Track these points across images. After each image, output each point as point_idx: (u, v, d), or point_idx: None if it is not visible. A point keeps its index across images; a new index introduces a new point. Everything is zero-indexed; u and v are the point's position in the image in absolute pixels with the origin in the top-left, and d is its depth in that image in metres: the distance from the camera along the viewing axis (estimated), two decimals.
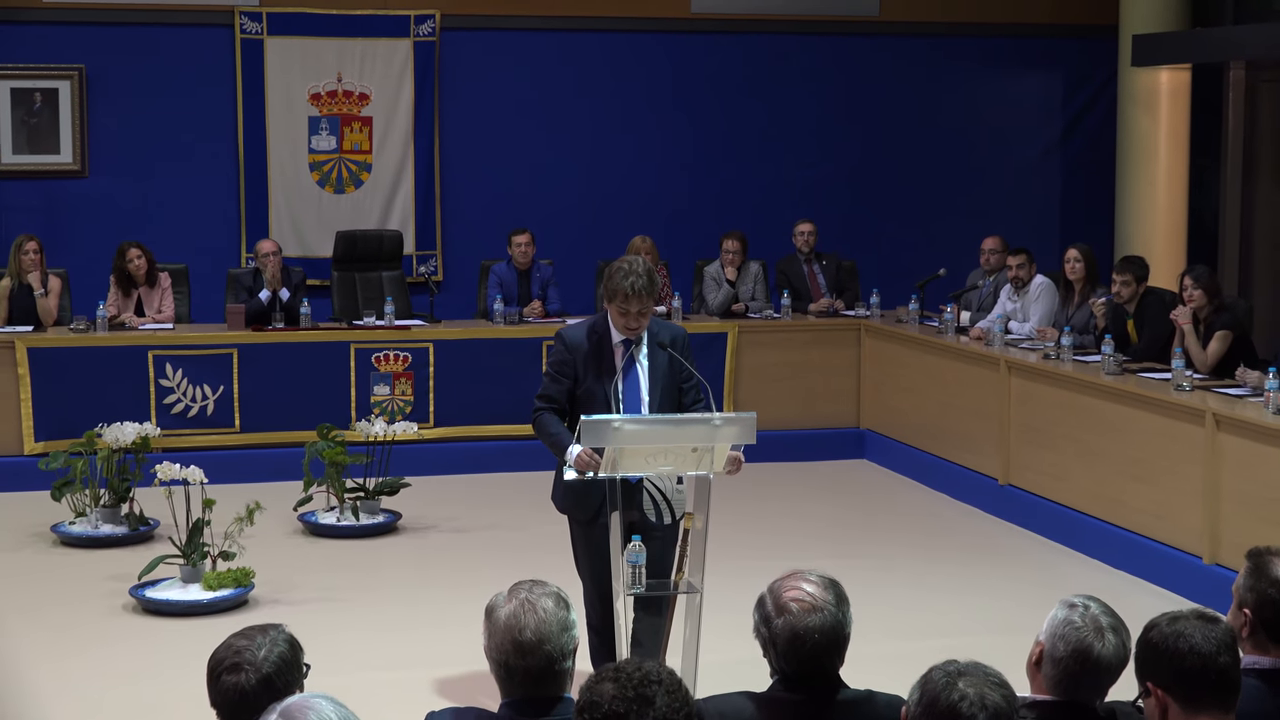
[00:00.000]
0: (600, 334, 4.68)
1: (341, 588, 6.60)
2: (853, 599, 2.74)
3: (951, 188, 11.05)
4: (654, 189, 10.65)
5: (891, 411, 9.16)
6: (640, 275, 4.58)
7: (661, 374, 4.65)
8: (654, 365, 4.66)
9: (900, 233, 10.98)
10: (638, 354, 4.66)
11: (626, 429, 4.29)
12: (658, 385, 4.64)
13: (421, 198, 10.33)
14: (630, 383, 4.64)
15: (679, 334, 4.75)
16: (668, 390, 4.67)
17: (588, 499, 4.53)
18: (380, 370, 8.78)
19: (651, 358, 4.65)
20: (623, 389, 4.62)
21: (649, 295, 4.58)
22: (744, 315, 9.50)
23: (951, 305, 8.89)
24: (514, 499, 8.23)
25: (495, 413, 8.87)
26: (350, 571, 6.87)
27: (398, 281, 9.70)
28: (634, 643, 4.63)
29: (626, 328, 4.60)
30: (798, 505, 8.22)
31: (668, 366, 4.65)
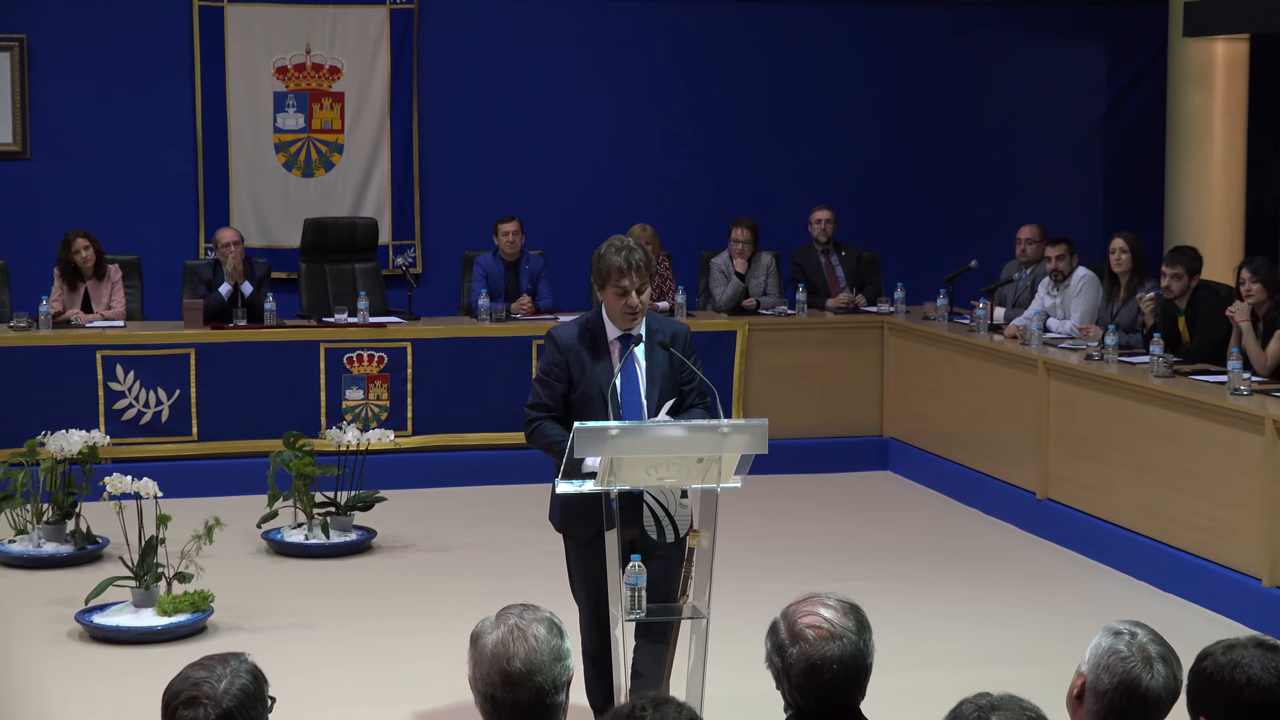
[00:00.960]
0: (594, 331, 4.68)
1: (310, 613, 6.59)
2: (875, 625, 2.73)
3: (984, 171, 11.06)
4: (655, 173, 10.66)
5: (918, 418, 9.16)
6: (634, 249, 4.59)
7: (662, 374, 4.65)
8: (653, 364, 4.66)
9: (927, 221, 10.98)
10: (636, 352, 4.65)
11: (624, 437, 4.29)
12: (657, 386, 4.64)
13: (398, 182, 10.33)
14: (629, 384, 4.64)
15: (680, 330, 4.75)
16: (668, 392, 4.67)
17: (590, 515, 4.52)
18: (353, 372, 8.78)
19: (650, 356, 4.65)
20: (621, 390, 4.62)
21: (647, 269, 4.58)
22: (755, 311, 9.51)
23: (984, 301, 8.89)
24: (501, 515, 8.23)
25: (480, 419, 8.88)
26: (320, 595, 6.86)
27: (372, 274, 9.70)
28: (634, 673, 4.63)
29: (626, 313, 4.59)
30: (814, 522, 8.22)
31: (669, 366, 4.65)
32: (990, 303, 8.96)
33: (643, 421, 4.54)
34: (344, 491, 7.66)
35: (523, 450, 8.87)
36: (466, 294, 9.61)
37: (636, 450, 4.31)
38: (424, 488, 8.72)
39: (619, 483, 4.37)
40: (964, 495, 8.60)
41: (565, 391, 4.67)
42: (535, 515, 8.05)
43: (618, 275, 4.55)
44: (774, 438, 4.66)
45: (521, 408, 8.91)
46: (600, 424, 4.32)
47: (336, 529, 7.55)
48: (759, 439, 4.37)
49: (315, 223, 9.76)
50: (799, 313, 9.44)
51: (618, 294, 4.57)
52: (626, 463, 4.33)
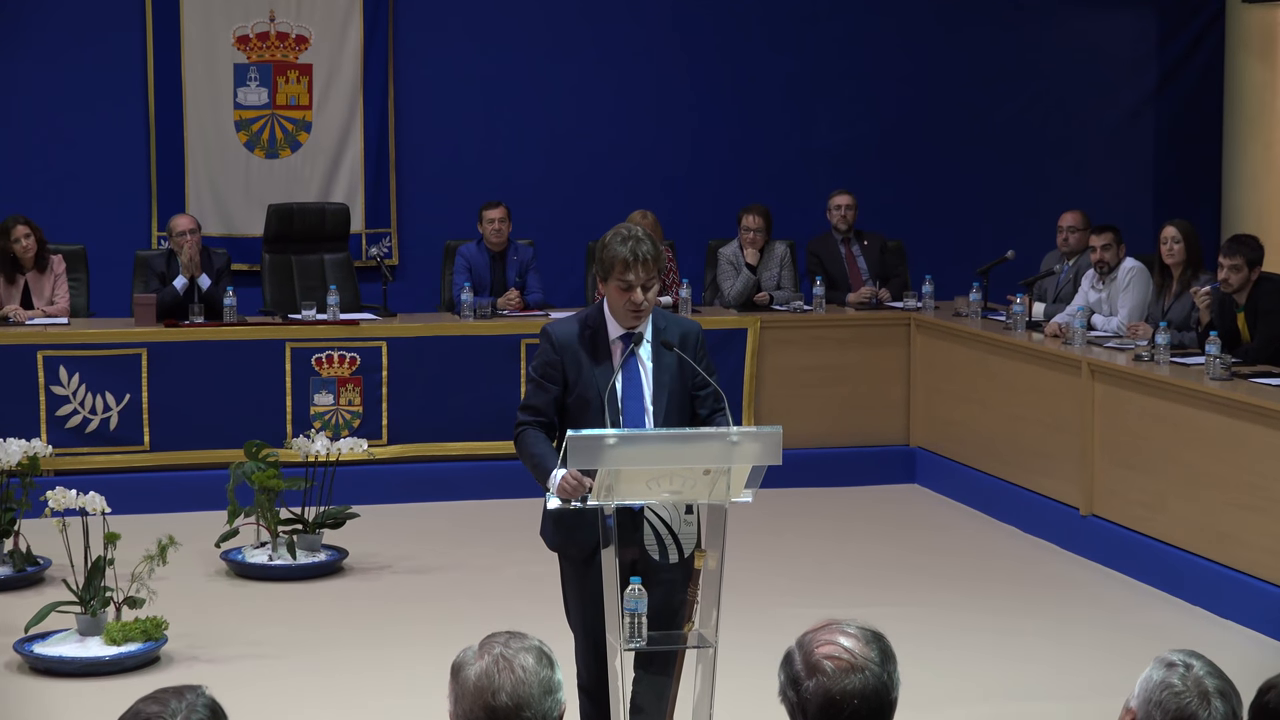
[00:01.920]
0: (594, 328, 4.67)
1: (274, 642, 6.59)
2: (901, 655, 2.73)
3: (1022, 152, 11.06)
4: (656, 154, 10.66)
5: (948, 425, 9.16)
6: (642, 239, 4.57)
7: (670, 377, 4.64)
8: (660, 366, 4.64)
9: (959, 207, 10.98)
10: (640, 352, 4.65)
11: (623, 446, 4.29)
12: (664, 390, 4.63)
13: (372, 164, 10.33)
14: (631, 387, 4.63)
15: (691, 330, 4.73)
16: (676, 397, 4.65)
17: (585, 531, 4.52)
18: (322, 375, 8.78)
19: (657, 357, 4.64)
20: (622, 395, 4.62)
21: (655, 262, 4.56)
22: (768, 307, 9.51)
23: (1022, 295, 8.90)
24: (486, 533, 8.23)
25: (463, 427, 8.88)
26: (285, 622, 6.86)
27: (343, 266, 9.70)
28: (633, 709, 4.63)
29: (629, 311, 4.58)
30: (833, 540, 8.22)
31: (677, 368, 4.64)
32: (1028, 297, 8.96)
33: (644, 429, 4.52)
34: (312, 507, 7.66)
35: (510, 461, 8.87)
36: (448, 288, 9.60)
37: (636, 461, 4.31)
38: (401, 503, 8.72)
39: (617, 497, 4.36)
40: (999, 511, 8.60)
41: (559, 395, 4.66)
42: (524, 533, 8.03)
43: (622, 268, 4.54)
44: (789, 447, 4.66)
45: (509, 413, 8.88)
46: (596, 431, 4.31)
47: (304, 549, 7.54)
48: (772, 449, 4.37)
49: (280, 209, 9.76)
50: (816, 309, 9.43)
51: (621, 289, 4.56)
52: (625, 475, 4.33)
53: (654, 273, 4.57)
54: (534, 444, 4.60)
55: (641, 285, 4.55)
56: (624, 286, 4.56)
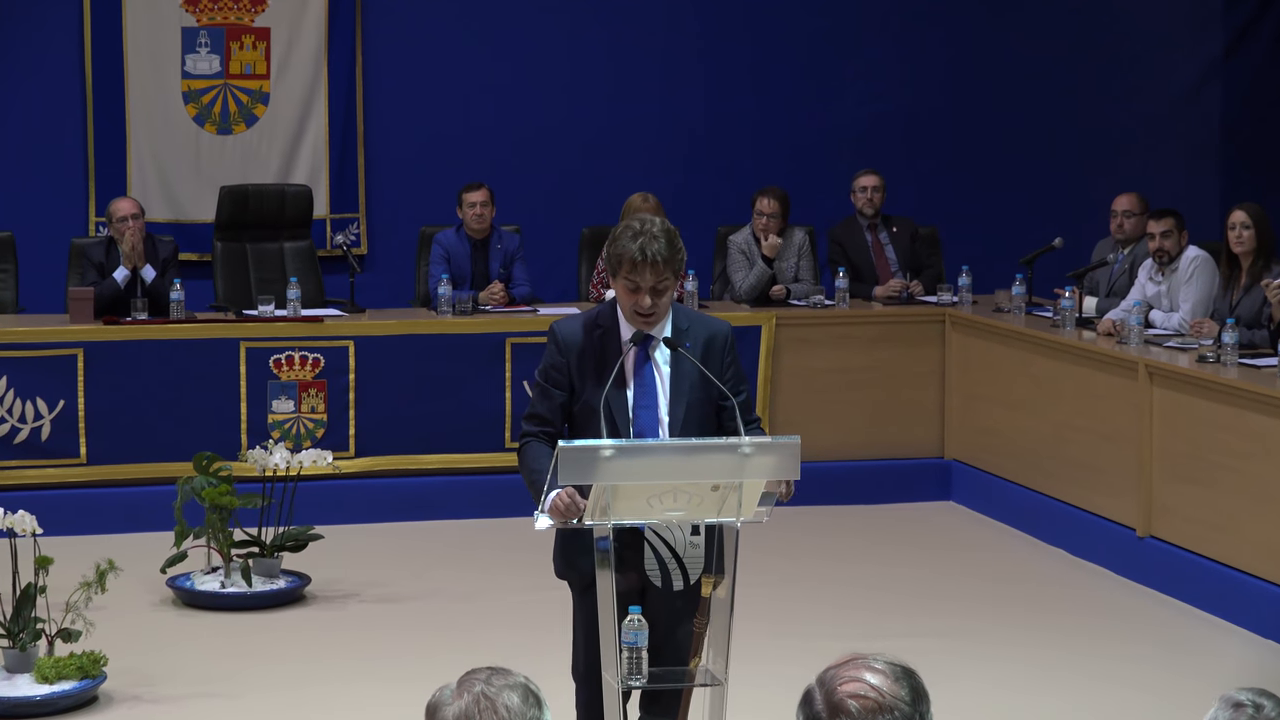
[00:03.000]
0: (605, 327, 4.65)
1: (226, 679, 6.58)
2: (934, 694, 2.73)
3: (1069, 127, 11.06)
4: (659, 130, 10.66)
5: (988, 435, 9.15)
6: (656, 236, 4.53)
7: (690, 385, 4.61)
8: (679, 373, 4.63)
9: (999, 189, 10.97)
10: (655, 355, 4.65)
11: (621, 459, 4.28)
12: (682, 401, 4.61)
13: (338, 140, 10.32)
14: (644, 397, 4.61)
15: (719, 332, 4.70)
16: (698, 409, 4.63)
17: (586, 557, 4.49)
18: (281, 378, 8.77)
19: (676, 362, 4.63)
20: (633, 405, 4.62)
21: (668, 264, 4.52)
22: (784, 302, 9.51)
23: (1071, 288, 8.89)
24: (467, 557, 8.22)
25: (440, 437, 8.87)
26: (239, 656, 6.85)
27: (305, 256, 9.70)
28: None
29: (638, 313, 4.57)
30: (857, 564, 8.21)
31: (699, 375, 4.63)
32: (1079, 291, 8.95)
33: (646, 440, 4.52)
34: (270, 528, 7.65)
35: (494, 475, 8.91)
36: (423, 280, 9.60)
37: (636, 475, 4.30)
38: (370, 522, 8.71)
39: (614, 516, 4.36)
40: (1045, 532, 8.59)
41: (565, 402, 4.65)
42: (509, 556, 8.04)
43: (629, 268, 4.51)
44: (808, 460, 4.65)
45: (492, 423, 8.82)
46: (591, 442, 4.31)
47: (260, 574, 7.54)
48: (789, 461, 4.36)
49: (234, 191, 9.75)
50: (839, 303, 9.43)
51: (629, 290, 4.54)
52: (624, 492, 4.32)
53: (667, 275, 4.52)
54: (535, 458, 4.57)
55: (651, 289, 4.52)
56: (631, 288, 4.54)
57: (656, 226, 4.56)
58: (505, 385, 8.87)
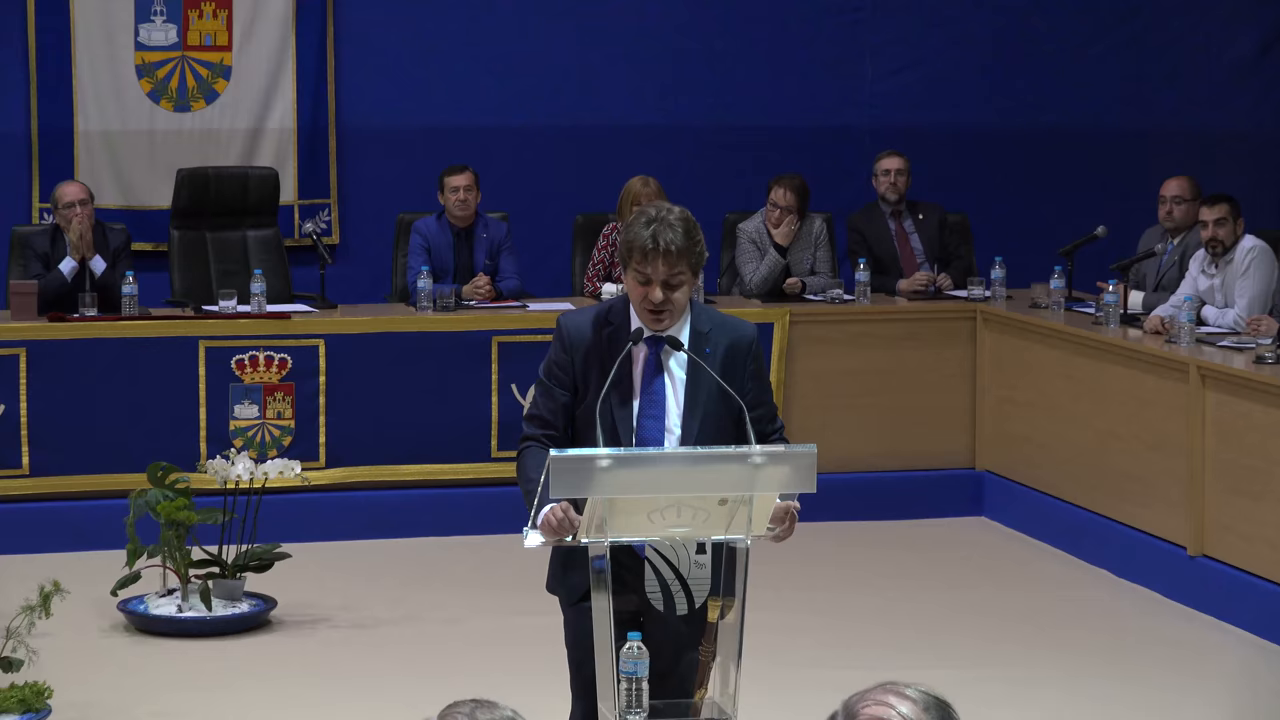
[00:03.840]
0: (615, 325, 4.63)
1: (184, 712, 6.56)
2: None
3: (1114, 103, 11.04)
4: (660, 107, 10.64)
5: (1023, 444, 9.14)
6: (672, 224, 4.50)
7: (707, 396, 4.60)
8: (695, 381, 4.61)
9: (1036, 171, 10.96)
10: (668, 360, 4.63)
11: (619, 470, 4.27)
12: (697, 411, 4.60)
13: (307, 119, 10.31)
14: (651, 405, 4.60)
15: (742, 336, 4.67)
16: (715, 422, 4.60)
17: (578, 574, 4.50)
18: (245, 381, 8.76)
19: (692, 369, 4.62)
20: (639, 413, 4.61)
21: (684, 256, 4.50)
22: (799, 296, 9.50)
23: (1115, 282, 8.88)
24: (449, 577, 8.21)
25: (420, 446, 8.86)
26: (198, 688, 6.83)
27: (271, 246, 9.69)
28: None
29: (648, 309, 4.57)
30: (880, 586, 8.20)
31: (717, 386, 4.58)
32: (1124, 284, 8.94)
33: (647, 449, 4.50)
34: (232, 545, 7.64)
35: (480, 488, 8.89)
36: (401, 273, 9.58)
37: (636, 488, 4.29)
38: (343, 540, 8.70)
39: (611, 533, 4.35)
40: (1086, 550, 8.58)
41: (569, 404, 4.64)
42: (497, 576, 8.03)
43: (640, 258, 4.50)
44: (825, 471, 4.64)
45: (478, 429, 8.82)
46: (586, 451, 4.30)
47: (222, 597, 7.52)
48: (804, 473, 4.35)
49: (193, 175, 9.74)
50: (859, 298, 9.42)
51: (639, 282, 4.53)
52: (622, 506, 4.31)
53: (681, 268, 4.50)
54: (532, 466, 4.54)
55: (664, 282, 4.49)
56: (641, 280, 4.52)
57: (673, 214, 4.54)
58: (492, 388, 8.85)
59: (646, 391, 4.60)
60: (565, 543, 4.43)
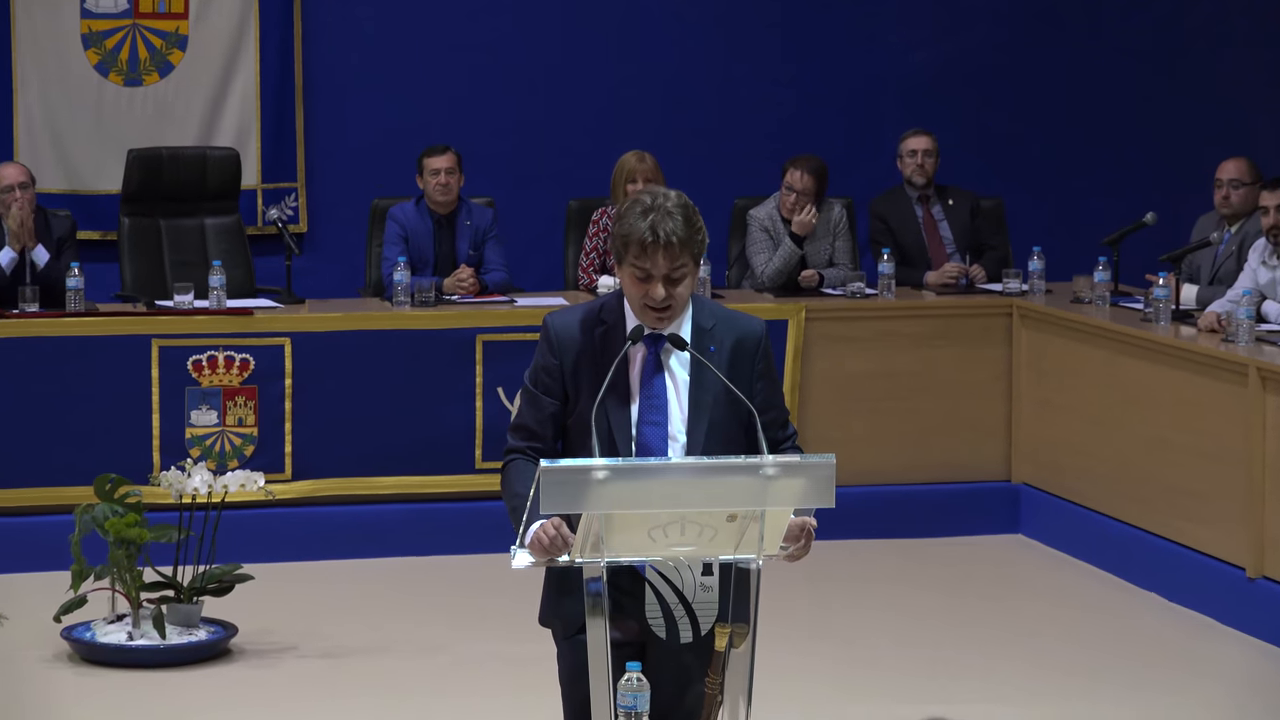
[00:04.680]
0: (609, 324, 4.61)
1: None
2: None
3: (1164, 76, 11.04)
4: (661, 81, 10.65)
5: (1064, 453, 9.13)
6: (671, 212, 4.47)
7: (713, 399, 4.58)
8: (700, 383, 4.60)
9: (1078, 151, 10.96)
10: (671, 362, 4.65)
11: (617, 482, 4.26)
12: (704, 417, 4.59)
13: (272, 94, 10.31)
14: (652, 411, 4.59)
15: (749, 333, 4.65)
16: (723, 429, 4.59)
17: (573, 601, 4.48)
18: (202, 384, 8.76)
19: (697, 369, 4.62)
20: (639, 419, 4.61)
21: (686, 247, 4.47)
22: (816, 290, 9.49)
23: (1166, 274, 8.88)
24: (429, 602, 8.21)
25: (396, 457, 8.85)
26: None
27: (232, 234, 9.68)
28: None
29: (648, 307, 4.57)
30: (906, 612, 8.21)
31: (723, 387, 4.59)
32: (1175, 277, 8.93)
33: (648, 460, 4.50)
34: (188, 566, 7.63)
35: (463, 502, 8.88)
36: (376, 264, 9.59)
37: (635, 502, 4.27)
38: (311, 560, 8.71)
39: (608, 553, 4.35)
40: (1135, 571, 8.58)
41: (558, 412, 4.64)
42: (483, 601, 8.01)
43: (638, 252, 4.47)
44: (845, 484, 4.63)
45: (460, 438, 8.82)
46: (579, 462, 4.28)
47: (176, 624, 7.52)
48: (822, 486, 4.33)
49: (145, 156, 9.73)
50: (882, 292, 9.41)
51: (637, 279, 4.50)
52: (620, 523, 4.30)
53: (683, 260, 4.47)
54: (519, 480, 4.55)
55: (665, 277, 4.47)
56: (640, 276, 4.49)
57: (671, 200, 4.51)
58: (476, 392, 8.85)
59: (646, 394, 4.59)
60: (557, 563, 4.42)
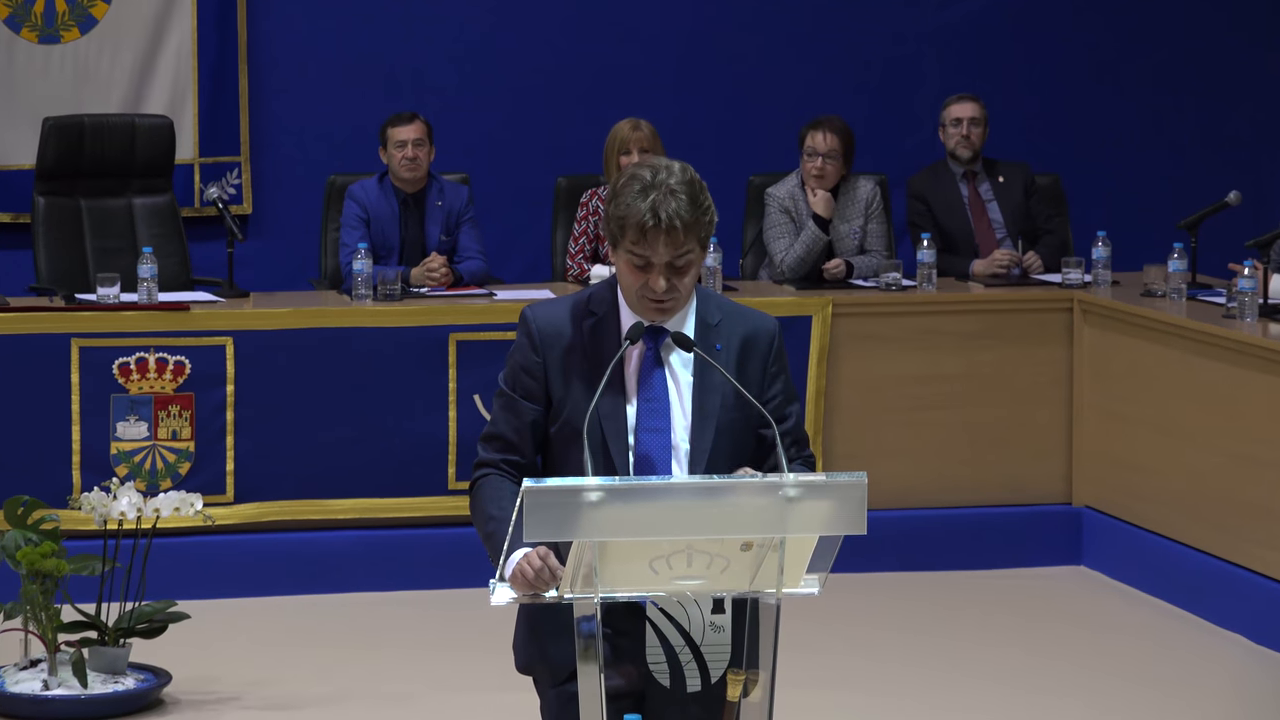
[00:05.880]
0: (599, 315, 4.63)
1: None
2: None
3: (1243, 31, 11.04)
4: (661, 40, 10.68)
5: (1133, 472, 9.12)
6: (675, 190, 4.47)
7: (720, 401, 4.61)
8: (705, 384, 4.62)
9: (1148, 120, 10.97)
10: (671, 359, 4.66)
11: (613, 504, 4.25)
12: (710, 424, 4.61)
13: (210, 54, 10.31)
14: (652, 417, 4.61)
15: (761, 329, 4.68)
16: (730, 436, 4.62)
17: (563, 643, 4.49)
18: (130, 391, 8.75)
19: (702, 369, 4.63)
20: (635, 426, 4.62)
21: (691, 230, 4.49)
22: (844, 282, 9.50)
23: (1252, 263, 8.88)
24: (394, 643, 8.22)
25: (356, 475, 8.85)
26: None
27: (164, 217, 9.69)
28: None
29: (647, 301, 4.57)
30: (952, 656, 8.21)
31: (732, 390, 4.59)
32: (1263, 266, 8.94)
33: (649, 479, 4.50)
34: (114, 603, 7.62)
35: (433, 529, 8.87)
36: (333, 252, 9.61)
37: (634, 528, 4.28)
38: (256, 595, 8.72)
39: (604, 587, 4.35)
40: (1214, 608, 8.58)
41: (539, 420, 4.65)
42: (455, 643, 8.01)
43: (636, 236, 4.48)
44: (877, 507, 4.63)
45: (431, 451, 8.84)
46: (569, 482, 4.28)
47: (100, 670, 7.51)
48: (851, 509, 4.32)
49: (63, 125, 9.73)
50: (921, 284, 9.41)
51: (635, 266, 4.52)
52: (617, 552, 4.31)
53: (689, 246, 4.49)
54: (492, 500, 4.58)
55: (668, 265, 4.51)
56: (639, 263, 4.51)
57: (674, 176, 4.51)
58: (449, 401, 8.84)
59: (645, 396, 4.61)
60: (544, 600, 4.43)
